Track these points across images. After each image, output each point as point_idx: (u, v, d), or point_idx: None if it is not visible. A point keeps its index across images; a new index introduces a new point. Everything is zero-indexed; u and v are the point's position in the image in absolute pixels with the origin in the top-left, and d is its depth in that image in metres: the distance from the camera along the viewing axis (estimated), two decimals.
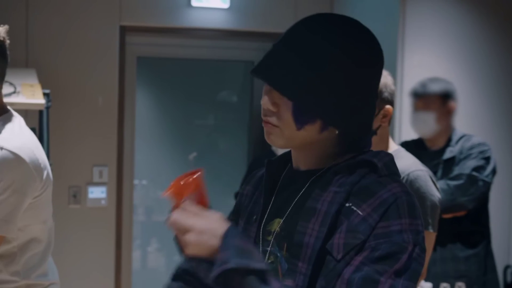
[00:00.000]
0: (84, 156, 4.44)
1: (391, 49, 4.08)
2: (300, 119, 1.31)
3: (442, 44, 4.16)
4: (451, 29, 4.17)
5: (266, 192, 1.43)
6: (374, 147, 2.35)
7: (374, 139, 2.26)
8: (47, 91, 3.59)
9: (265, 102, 1.33)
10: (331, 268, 1.24)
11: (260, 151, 4.66)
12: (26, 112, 4.11)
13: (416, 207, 1.28)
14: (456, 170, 3.23)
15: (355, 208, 1.25)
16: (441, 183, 3.15)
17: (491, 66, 4.25)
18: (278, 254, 1.35)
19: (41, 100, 3.48)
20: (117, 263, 4.55)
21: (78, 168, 4.43)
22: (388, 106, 2.34)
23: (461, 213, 3.21)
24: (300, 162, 1.41)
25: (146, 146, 5.05)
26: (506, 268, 4.24)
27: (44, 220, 2.38)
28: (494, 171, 3.30)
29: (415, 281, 1.24)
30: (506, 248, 4.29)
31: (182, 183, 1.32)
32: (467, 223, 3.26)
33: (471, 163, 3.22)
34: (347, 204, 1.26)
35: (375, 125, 2.31)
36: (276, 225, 1.37)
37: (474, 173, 3.20)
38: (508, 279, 4.23)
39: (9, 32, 3.95)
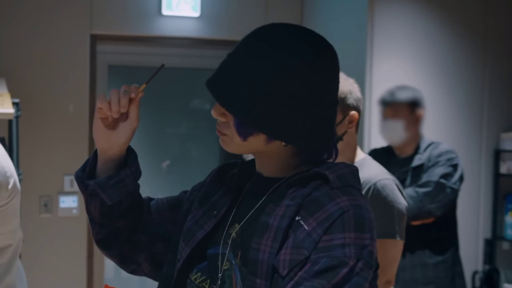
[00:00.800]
0: (55, 165, 4.41)
1: (359, 58, 4.10)
2: (243, 132, 1.30)
3: (410, 52, 4.18)
4: (419, 37, 4.19)
5: (234, 192, 1.40)
6: (340, 154, 2.33)
7: (340, 145, 2.29)
8: (16, 100, 3.56)
9: (213, 113, 1.34)
10: (279, 285, 1.22)
11: (231, 158, 4.65)
12: None
13: (365, 220, 1.24)
14: (425, 178, 3.23)
15: (302, 223, 1.23)
16: (410, 190, 3.16)
17: (459, 73, 4.28)
18: (233, 262, 1.32)
19: (10, 110, 3.45)
20: (89, 272, 4.52)
21: (49, 177, 4.40)
22: (353, 112, 2.32)
23: (430, 220, 3.21)
24: (262, 168, 1.39)
25: None
26: (474, 273, 4.27)
27: (11, 230, 2.34)
28: (461, 178, 3.32)
29: None
30: (474, 254, 4.32)
31: None
32: (435, 230, 3.25)
33: (439, 171, 3.22)
34: (297, 218, 1.24)
35: (340, 131, 2.30)
36: (234, 229, 1.35)
37: (442, 180, 3.20)
38: (477, 284, 4.26)
39: None
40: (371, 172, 2.30)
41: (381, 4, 4.10)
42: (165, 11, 4.55)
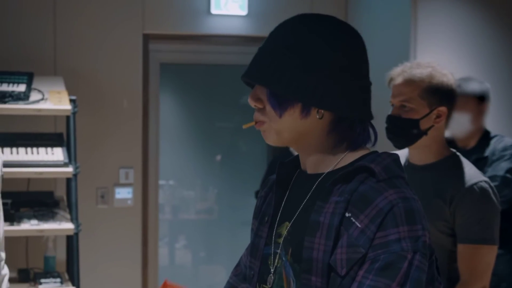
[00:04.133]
0: (110, 159, 4.45)
1: (403, 50, 4.03)
2: (278, 105, 1.28)
3: (453, 46, 4.10)
4: (461, 30, 4.11)
5: (277, 194, 1.38)
6: (425, 148, 2.24)
7: (424, 140, 2.19)
8: (73, 97, 3.60)
9: (250, 100, 1.31)
10: (338, 284, 1.19)
11: (279, 152, 4.63)
12: (55, 118, 4.15)
13: (414, 211, 1.20)
14: (490, 172, 3.09)
15: (353, 220, 1.20)
16: None
17: (501, 65, 4.18)
18: (284, 259, 1.31)
19: (68, 106, 3.50)
20: (143, 260, 4.57)
21: (105, 170, 4.45)
22: (442, 108, 2.19)
23: None
24: (305, 164, 1.35)
25: (172, 148, 5.06)
26: None
27: None
28: None
29: None
30: None
31: None
32: None
33: (505, 165, 3.10)
34: (347, 214, 1.21)
35: (426, 124, 2.18)
36: (285, 228, 1.33)
37: (508, 175, 3.08)
38: None
39: (37, 41, 3.99)
40: (467, 171, 2.21)
41: (424, 2, 4.01)
42: (214, 10, 4.55)
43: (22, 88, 3.55)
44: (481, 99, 3.19)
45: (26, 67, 3.87)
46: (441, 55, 4.04)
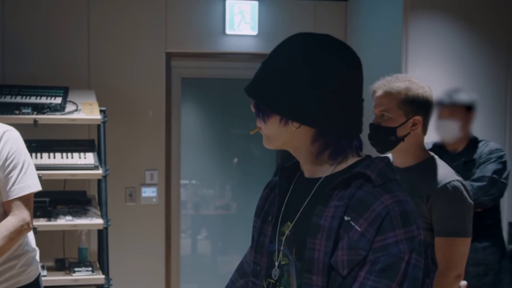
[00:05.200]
0: (137, 162, 4.50)
1: (396, 65, 4.04)
2: (259, 114, 1.32)
3: (440, 60, 4.10)
4: (449, 47, 4.10)
5: (280, 194, 1.38)
6: (405, 153, 2.24)
7: (403, 145, 2.20)
8: (103, 108, 3.67)
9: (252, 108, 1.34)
10: (339, 283, 1.19)
11: (286, 156, 4.66)
12: (88, 126, 4.23)
13: (409, 214, 1.20)
14: (478, 173, 3.11)
15: (353, 224, 1.19)
16: (466, 184, 3.05)
17: (482, 78, 4.16)
18: (290, 257, 1.30)
19: (98, 116, 3.57)
20: (166, 251, 4.60)
21: (132, 172, 4.49)
22: (417, 117, 2.18)
23: (479, 210, 3.07)
24: (303, 168, 1.35)
25: (193, 152, 5.09)
26: None
27: None
28: (509, 174, 3.20)
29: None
30: None
31: None
32: (484, 218, 3.13)
33: (492, 167, 3.10)
34: (346, 218, 1.20)
35: (403, 132, 2.18)
36: (287, 228, 1.32)
37: (495, 176, 3.09)
38: None
39: (73, 59, 4.06)
40: (441, 172, 2.21)
41: (414, 18, 4.04)
42: (228, 31, 4.60)
43: (58, 100, 3.63)
44: (469, 108, 3.18)
45: (63, 82, 3.97)
46: (430, 68, 4.05)
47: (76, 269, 3.45)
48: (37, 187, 2.30)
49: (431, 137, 3.53)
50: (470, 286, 2.47)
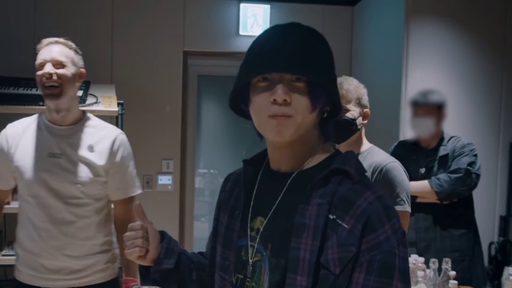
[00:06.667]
0: (155, 152, 4.36)
1: (397, 66, 3.87)
2: (317, 99, 1.09)
3: (439, 61, 3.91)
4: (447, 49, 3.92)
5: (246, 189, 1.20)
6: (354, 143, 2.25)
7: (356, 135, 2.26)
8: (121, 101, 3.49)
9: (282, 95, 1.06)
10: (332, 282, 1.03)
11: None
12: (110, 118, 4.04)
13: (389, 207, 1.07)
14: (454, 165, 3.01)
15: (340, 222, 1.04)
16: (444, 176, 2.96)
17: (481, 78, 3.98)
18: (264, 253, 1.12)
19: (115, 108, 3.41)
20: (180, 234, 4.49)
21: (150, 161, 4.36)
22: (366, 110, 2.27)
23: (456, 200, 3.01)
24: (283, 162, 1.15)
25: (208, 143, 4.95)
26: (491, 244, 3.97)
27: None
28: (480, 166, 3.10)
29: (409, 281, 1.05)
30: (491, 228, 4.00)
31: None
32: (460, 207, 3.04)
33: (466, 159, 3.00)
34: (331, 216, 1.05)
35: (358, 123, 2.25)
36: (259, 223, 1.14)
37: (469, 168, 2.99)
38: (492, 252, 3.96)
39: (97, 56, 3.89)
40: (380, 157, 2.23)
41: (415, 22, 3.84)
42: (241, 32, 4.45)
43: (80, 93, 3.46)
44: (441, 107, 3.08)
45: (87, 77, 3.76)
46: (428, 70, 3.87)
47: None
48: (140, 189, 2.26)
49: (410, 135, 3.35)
50: None
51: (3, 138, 2.17)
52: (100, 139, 2.15)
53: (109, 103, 3.43)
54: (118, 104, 3.45)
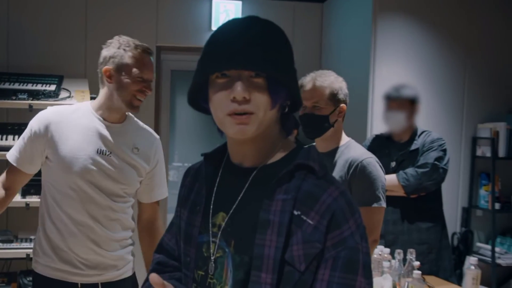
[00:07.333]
0: None
1: (365, 62, 3.95)
2: (277, 95, 1.06)
3: (405, 57, 4.01)
4: (413, 46, 4.02)
5: (207, 184, 1.16)
6: (330, 138, 2.27)
7: (331, 130, 2.25)
8: (94, 96, 3.51)
9: (239, 91, 1.03)
10: (297, 279, 1.01)
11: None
12: None
13: (352, 202, 1.06)
14: (422, 160, 3.04)
15: (304, 218, 1.02)
16: (411, 170, 3.00)
17: (444, 75, 4.09)
18: (226, 250, 1.09)
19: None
20: None
21: None
22: (342, 105, 2.24)
23: (423, 194, 3.05)
24: (246, 157, 1.12)
25: (183, 137, 4.98)
26: (453, 234, 4.11)
27: None
28: (448, 160, 3.14)
29: (371, 275, 1.06)
30: (454, 219, 4.15)
31: None
32: (427, 201, 3.08)
33: (433, 154, 3.03)
34: (295, 212, 1.03)
35: (332, 119, 2.23)
36: (221, 219, 1.11)
37: (436, 163, 3.02)
38: (455, 243, 4.09)
39: (71, 50, 3.89)
40: (357, 152, 2.22)
41: (382, 19, 3.93)
42: (214, 27, 4.47)
43: (53, 87, 3.50)
44: (413, 101, 3.11)
45: (61, 72, 3.83)
46: (394, 65, 3.96)
47: None
48: (167, 192, 2.28)
49: (379, 129, 3.43)
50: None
51: (44, 121, 2.06)
52: (141, 139, 2.14)
53: (82, 97, 3.46)
54: (91, 98, 3.46)
